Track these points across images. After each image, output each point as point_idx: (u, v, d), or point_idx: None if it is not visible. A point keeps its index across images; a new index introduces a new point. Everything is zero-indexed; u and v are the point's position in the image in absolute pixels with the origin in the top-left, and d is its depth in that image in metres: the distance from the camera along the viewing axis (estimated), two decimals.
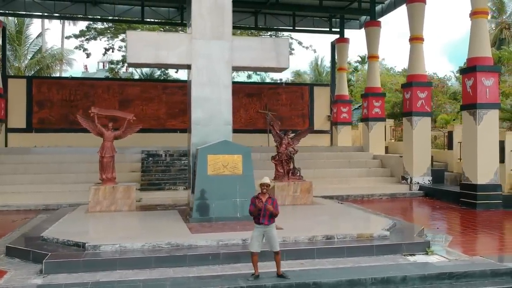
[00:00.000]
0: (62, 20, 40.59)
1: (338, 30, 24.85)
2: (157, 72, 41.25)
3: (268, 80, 40.14)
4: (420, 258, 8.46)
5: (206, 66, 11.80)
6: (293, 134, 14.59)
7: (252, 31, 29.00)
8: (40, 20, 40.07)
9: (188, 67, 12.11)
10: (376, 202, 16.10)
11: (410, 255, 8.62)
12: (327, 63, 42.62)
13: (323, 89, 26.17)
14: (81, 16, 24.35)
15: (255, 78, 38.93)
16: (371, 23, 21.57)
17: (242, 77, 39.30)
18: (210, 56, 11.82)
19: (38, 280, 7.16)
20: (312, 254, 8.38)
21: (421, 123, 17.56)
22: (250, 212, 7.24)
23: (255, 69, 16.90)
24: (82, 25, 34.27)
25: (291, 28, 24.84)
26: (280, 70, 13.05)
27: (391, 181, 18.70)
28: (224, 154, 10.90)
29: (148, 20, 24.64)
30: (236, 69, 12.99)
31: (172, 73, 37.88)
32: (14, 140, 21.96)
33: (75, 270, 7.50)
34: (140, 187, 16.46)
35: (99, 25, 33.36)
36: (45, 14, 23.85)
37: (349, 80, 44.80)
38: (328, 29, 25.38)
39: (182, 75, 44.59)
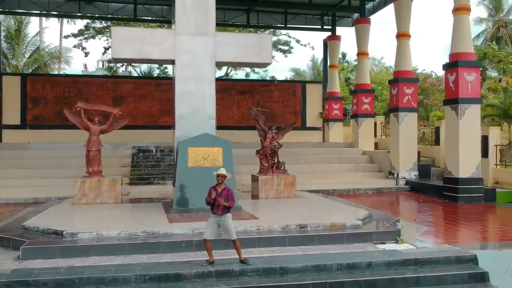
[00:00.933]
0: (60, 19, 40.89)
1: (330, 27, 25.05)
2: (156, 71, 41.62)
3: (268, 78, 40.57)
4: (389, 246, 8.68)
5: (190, 61, 11.99)
6: (277, 130, 14.79)
7: (245, 28, 29.26)
8: (38, 19, 40.44)
9: (172, 62, 12.32)
10: (362, 196, 16.30)
11: (381, 243, 8.85)
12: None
13: (315, 86, 26.39)
14: (75, 14, 24.55)
15: (254, 76, 39.24)
16: (361, 20, 21.79)
17: (240, 74, 39.72)
18: (194, 52, 12.01)
19: (13, 265, 7.42)
20: (284, 242, 8.62)
21: (407, 118, 17.77)
22: (206, 201, 7.43)
23: (238, 65, 17.19)
24: (81, 24, 34.69)
25: (283, 25, 25.08)
26: (263, 65, 13.29)
27: (378, 176, 18.91)
28: (205, 147, 11.15)
29: (141, 18, 24.84)
30: (219, 64, 13.24)
31: (170, 70, 38.15)
32: (8, 136, 22.23)
33: (51, 256, 7.76)
34: (129, 182, 16.72)
35: (97, 24, 33.65)
36: (39, 12, 24.11)
37: (348, 79, 45.11)
38: (320, 27, 25.58)
39: None
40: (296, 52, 61.61)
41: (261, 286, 7.02)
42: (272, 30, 35.85)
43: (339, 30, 25.23)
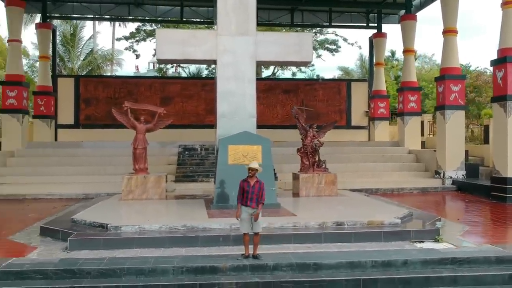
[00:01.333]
0: (112, 23, 42.45)
1: (375, 25, 24.73)
2: (205, 71, 42.37)
3: (315, 77, 40.47)
4: (428, 245, 8.57)
5: (231, 61, 12.23)
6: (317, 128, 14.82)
7: (291, 28, 29.34)
8: (91, 22, 42.14)
9: (214, 62, 12.62)
10: (406, 195, 16.04)
11: (419, 242, 8.75)
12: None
13: (361, 85, 26.12)
14: (125, 17, 25.44)
15: (301, 75, 39.14)
16: (407, 17, 21.40)
17: (287, 73, 39.81)
18: (235, 52, 12.25)
19: (61, 255, 7.90)
20: (319, 238, 8.68)
21: (454, 116, 17.30)
22: (239, 198, 7.64)
23: (279, 64, 17.29)
24: (132, 27, 35.81)
25: (328, 24, 24.98)
26: (303, 64, 13.40)
27: (424, 175, 18.52)
28: (244, 145, 11.36)
29: (188, 19, 25.40)
30: (260, 63, 13.40)
31: None
32: (63, 135, 23.38)
33: (96, 248, 8.19)
34: (175, 179, 17.20)
35: (148, 27, 34.63)
36: (93, 16, 25.17)
37: (398, 77, 44.17)
38: (365, 24, 25.29)
39: None
40: (343, 50, 60.99)
41: (295, 281, 7.10)
42: (318, 29, 35.91)
43: (386, 28, 24.90)
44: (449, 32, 17.69)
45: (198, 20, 25.76)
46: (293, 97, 25.03)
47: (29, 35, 72.82)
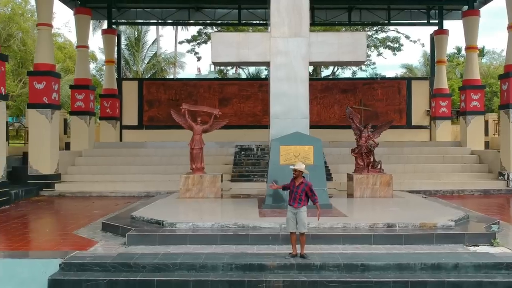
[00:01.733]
0: (174, 26, 43.80)
1: (436, 21, 24.00)
2: (264, 72, 42.78)
3: (376, 75, 39.72)
4: (482, 249, 8.32)
5: (284, 62, 12.40)
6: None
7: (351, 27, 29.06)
8: (155, 27, 43.66)
9: (267, 64, 12.85)
10: (466, 198, 15.51)
11: (473, 245, 8.51)
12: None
13: (421, 83, 25.42)
14: (186, 21, 26.26)
15: (362, 74, 38.55)
16: (469, 13, 20.63)
17: (347, 73, 39.34)
18: (288, 53, 12.40)
19: (120, 249, 8.39)
20: (369, 240, 8.66)
21: None
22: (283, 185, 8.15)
23: (332, 64, 17.24)
24: (194, 30, 36.81)
25: (387, 22, 24.54)
26: (357, 64, 13.34)
27: (487, 177, 17.80)
28: (296, 145, 11.48)
29: (246, 22, 25.80)
30: (313, 64, 13.44)
31: None
32: (127, 136, 24.51)
33: (152, 243, 8.61)
34: (231, 178, 17.59)
35: (209, 30, 35.42)
36: (154, 21, 26.18)
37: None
38: (425, 21, 24.59)
39: None
40: (406, 48, 59.27)
41: (341, 281, 7.15)
42: (379, 27, 35.27)
43: (448, 24, 24.09)
44: None
45: (256, 22, 26.12)
46: (351, 96, 24.79)
47: (97, 41, 76.55)
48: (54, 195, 16.28)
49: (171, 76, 44.37)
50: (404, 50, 37.74)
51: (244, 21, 25.28)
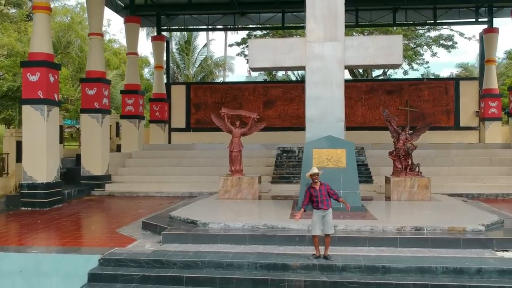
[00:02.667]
0: (225, 31, 44.70)
1: (486, 19, 23.32)
2: None
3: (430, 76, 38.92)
4: (511, 254, 8.24)
5: (320, 66, 12.61)
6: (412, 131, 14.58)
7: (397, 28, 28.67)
8: (205, 32, 44.72)
9: (303, 68, 13.11)
10: (511, 202, 15.09)
11: (503, 251, 8.43)
12: (499, 53, 39.41)
13: (470, 83, 24.72)
14: (231, 26, 26.89)
15: (415, 74, 37.85)
16: None
17: (399, 73, 38.77)
18: (323, 58, 12.60)
19: (155, 247, 8.96)
20: (395, 243, 8.75)
21: None
22: (304, 204, 8.09)
23: (368, 67, 17.13)
24: (243, 33, 37.51)
25: (433, 21, 24.09)
26: (393, 67, 13.32)
27: None
28: (328, 148, 11.69)
29: (288, 25, 26.08)
30: (349, 67, 13.57)
31: None
32: (176, 138, 25.42)
33: (185, 242, 9.12)
34: (272, 180, 17.95)
35: (258, 33, 35.96)
36: (201, 27, 26.98)
37: None
38: (474, 20, 23.94)
39: None
40: (461, 46, 57.32)
41: (361, 282, 7.37)
42: (429, 27, 34.56)
43: (498, 22, 23.34)
44: None
45: (300, 24, 26.34)
46: (397, 97, 24.50)
47: (150, 46, 78.89)
48: (104, 194, 17.28)
49: (221, 79, 45.34)
50: (458, 48, 36.71)
51: (287, 25, 25.55)
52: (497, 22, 23.49)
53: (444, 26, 34.02)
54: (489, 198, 15.66)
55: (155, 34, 26.11)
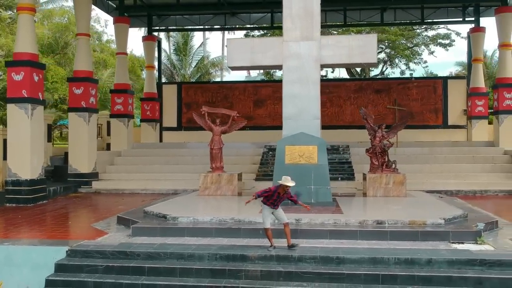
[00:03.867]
0: (222, 31, 44.94)
1: (472, 19, 23.52)
2: (322, 73, 43.05)
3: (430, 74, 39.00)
4: (465, 246, 8.47)
5: (296, 65, 12.87)
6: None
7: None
8: (201, 32, 45.02)
9: (280, 67, 13.38)
10: (488, 198, 15.32)
11: (459, 243, 8.67)
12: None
13: (458, 82, 24.96)
14: (222, 26, 27.20)
15: (418, 72, 37.93)
16: (502, 9, 20.14)
17: (396, 72, 38.78)
18: (299, 56, 12.86)
19: (124, 240, 9.24)
20: (355, 235, 9.01)
21: None
22: (259, 195, 8.36)
23: (343, 66, 17.36)
24: (241, 33, 37.67)
25: (420, 21, 24.32)
26: (369, 65, 13.57)
27: None
28: (301, 145, 11.96)
29: (278, 25, 26.28)
30: (324, 66, 13.82)
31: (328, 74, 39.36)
32: (167, 137, 25.73)
33: (153, 235, 9.40)
34: (256, 177, 18.22)
35: (255, 33, 36.16)
36: (191, 27, 27.30)
37: None
38: (461, 19, 24.14)
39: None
40: (460, 45, 57.26)
41: (315, 272, 7.63)
42: (426, 27, 34.72)
43: (485, 21, 23.54)
44: None
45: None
46: (385, 96, 24.74)
47: None
48: (91, 192, 17.59)
49: (218, 79, 45.61)
50: (456, 46, 36.71)
51: (276, 24, 25.79)
52: (487, 21, 23.67)
53: (441, 26, 34.20)
54: (467, 194, 15.87)
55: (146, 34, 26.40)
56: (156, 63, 27.09)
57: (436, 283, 7.35)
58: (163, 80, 41.09)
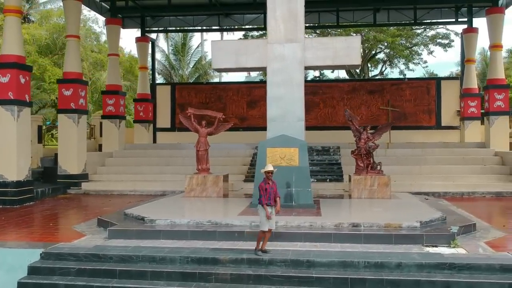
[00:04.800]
0: (221, 32, 44.99)
1: (465, 19, 23.46)
2: (316, 74, 43.05)
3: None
4: (438, 249, 8.46)
5: (280, 67, 12.91)
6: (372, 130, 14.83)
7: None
8: (199, 32, 45.07)
9: (264, 69, 13.40)
10: (475, 200, 15.29)
11: (432, 246, 8.66)
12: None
13: (451, 83, 24.88)
14: (215, 27, 27.23)
15: (410, 74, 37.81)
16: (493, 10, 20.12)
17: (395, 73, 38.66)
18: (284, 58, 12.88)
19: (100, 242, 9.27)
20: (329, 238, 9.01)
21: None
22: (266, 199, 8.15)
23: (328, 67, 17.33)
24: (240, 34, 37.75)
25: (413, 21, 24.28)
26: (352, 67, 13.53)
27: (506, 179, 17.32)
28: (282, 147, 11.98)
29: None
30: (309, 68, 13.82)
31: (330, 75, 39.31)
32: (161, 138, 25.77)
33: (129, 237, 9.41)
34: (245, 179, 18.25)
35: (254, 33, 36.14)
36: (185, 28, 27.34)
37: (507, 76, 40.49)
38: (454, 20, 24.08)
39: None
40: (456, 45, 57.04)
41: (284, 275, 7.62)
42: (425, 27, 34.62)
43: (478, 22, 23.46)
44: None
45: None
46: (378, 97, 24.70)
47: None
48: (80, 193, 17.66)
49: (217, 79, 45.66)
50: (456, 47, 36.43)
51: None
52: (478, 22, 23.61)
53: (440, 26, 34.14)
54: (455, 196, 15.86)
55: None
56: (150, 64, 27.13)
57: (404, 287, 7.34)
58: (161, 80, 41.33)
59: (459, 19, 23.93)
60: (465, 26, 23.64)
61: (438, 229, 9.43)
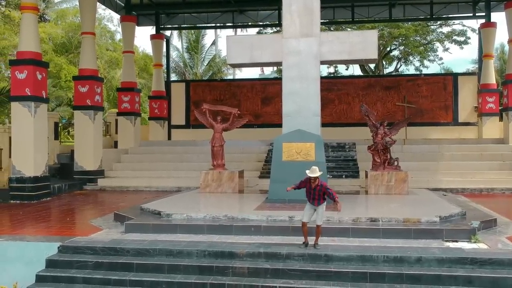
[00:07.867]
0: (235, 29, 44.98)
1: (483, 14, 23.08)
2: (331, 70, 42.75)
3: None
4: (458, 244, 8.31)
5: (296, 62, 12.82)
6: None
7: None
8: (212, 30, 45.07)
9: (280, 64, 13.32)
10: (494, 196, 15.05)
11: (453, 241, 8.51)
12: None
13: (469, 79, 24.52)
14: (229, 24, 27.19)
15: (435, 68, 37.40)
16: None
17: (410, 70, 38.23)
18: (299, 53, 12.79)
19: (117, 236, 9.28)
20: (347, 233, 8.92)
21: None
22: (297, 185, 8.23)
23: (343, 62, 17.19)
24: (253, 30, 37.63)
25: (429, 16, 23.97)
26: (369, 61, 13.38)
27: None
28: (298, 142, 11.89)
29: None
30: (324, 63, 13.70)
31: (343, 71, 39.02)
32: (176, 135, 25.82)
33: (146, 232, 9.43)
34: (260, 175, 18.20)
35: (268, 30, 36.02)
36: (200, 25, 27.36)
37: None
38: (471, 14, 23.70)
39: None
40: (473, 41, 56.25)
41: (302, 270, 7.55)
42: (441, 23, 34.14)
43: (497, 16, 23.10)
44: None
45: None
46: (394, 93, 24.46)
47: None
48: (96, 189, 17.76)
49: (230, 77, 45.61)
50: (473, 44, 35.78)
51: None
52: (496, 16, 23.24)
53: (456, 22, 33.69)
54: (473, 192, 15.62)
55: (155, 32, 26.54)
56: (164, 62, 27.16)
57: (424, 281, 7.22)
58: (174, 78, 41.39)
59: (477, 14, 23.50)
60: (483, 20, 23.22)
61: (458, 224, 9.26)
